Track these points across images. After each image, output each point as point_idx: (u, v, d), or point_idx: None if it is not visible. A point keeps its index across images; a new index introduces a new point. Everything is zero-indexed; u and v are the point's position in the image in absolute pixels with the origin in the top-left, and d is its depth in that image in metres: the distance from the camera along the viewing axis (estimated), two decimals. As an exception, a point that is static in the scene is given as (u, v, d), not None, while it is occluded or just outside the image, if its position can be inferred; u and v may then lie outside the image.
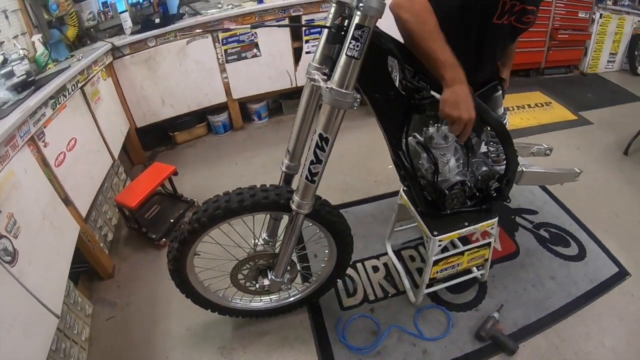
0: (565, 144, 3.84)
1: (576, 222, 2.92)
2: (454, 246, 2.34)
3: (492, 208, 2.11)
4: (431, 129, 1.83)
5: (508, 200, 2.08)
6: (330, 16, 1.51)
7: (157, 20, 3.67)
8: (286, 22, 3.89)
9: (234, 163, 3.75)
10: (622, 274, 2.51)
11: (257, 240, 1.99)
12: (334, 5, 1.50)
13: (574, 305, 2.31)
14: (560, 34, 4.88)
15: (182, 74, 3.82)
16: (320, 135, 1.47)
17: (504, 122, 2.00)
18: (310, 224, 1.83)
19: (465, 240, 2.42)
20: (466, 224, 2.03)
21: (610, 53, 5.37)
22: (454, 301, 2.34)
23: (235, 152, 3.98)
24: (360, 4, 1.28)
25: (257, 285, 1.96)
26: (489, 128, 1.93)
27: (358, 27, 1.31)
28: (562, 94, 4.80)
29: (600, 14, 5.05)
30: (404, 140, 1.73)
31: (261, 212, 1.71)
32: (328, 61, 1.52)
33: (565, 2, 4.81)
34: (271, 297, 2.25)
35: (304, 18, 3.95)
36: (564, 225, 2.88)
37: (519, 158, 2.24)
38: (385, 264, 2.63)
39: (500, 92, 1.93)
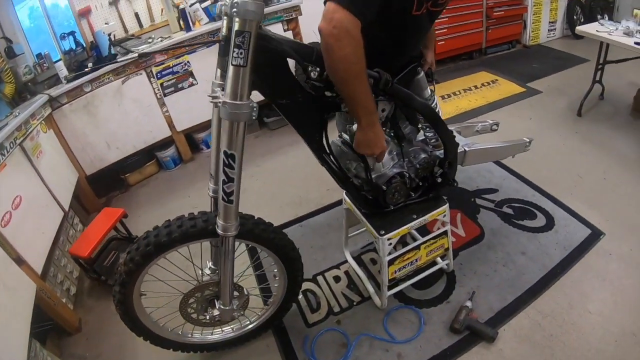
0: (517, 116, 3.76)
1: (539, 192, 2.82)
2: (414, 239, 2.20)
3: (440, 195, 1.97)
4: (354, 126, 1.69)
5: (455, 184, 1.96)
6: (223, 29, 1.42)
7: (90, 65, 3.52)
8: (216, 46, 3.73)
9: (187, 196, 3.58)
10: (595, 235, 2.41)
11: (201, 271, 1.85)
12: (224, 17, 1.40)
13: (551, 276, 2.19)
14: (495, 12, 4.84)
15: (122, 115, 3.64)
16: (225, 153, 1.37)
17: (433, 104, 1.87)
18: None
19: (426, 231, 2.27)
20: (414, 216, 1.89)
21: (550, 22, 5.35)
22: (423, 297, 2.19)
23: (187, 184, 3.79)
24: (234, 9, 1.18)
25: (208, 317, 1.83)
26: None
27: (238, 33, 1.22)
28: (508, 69, 4.75)
29: (535, -15, 5.02)
30: (325, 142, 1.59)
31: (193, 241, 1.62)
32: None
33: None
34: (231, 326, 2.07)
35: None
36: (526, 198, 2.77)
37: (461, 138, 2.13)
38: (346, 272, 2.47)
39: (422, 74, 1.80)
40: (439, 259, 2.23)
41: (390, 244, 1.87)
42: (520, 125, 3.62)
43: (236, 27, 1.22)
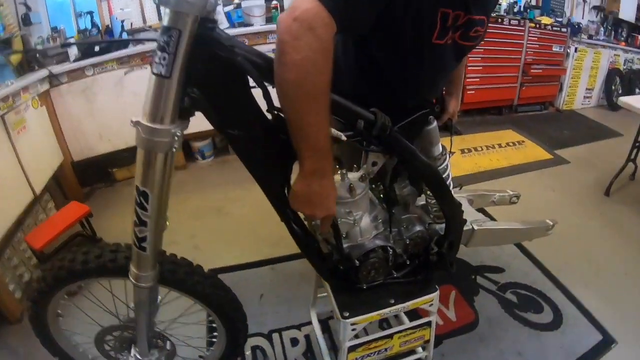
0: (539, 185, 3.24)
1: (551, 279, 2.30)
2: (388, 324, 1.69)
3: (431, 278, 1.47)
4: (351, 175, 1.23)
5: (452, 270, 1.44)
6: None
7: (97, 49, 3.19)
8: None
9: None
10: (607, 342, 1.92)
11: (127, 307, 1.44)
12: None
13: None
14: (533, 69, 4.34)
15: (120, 107, 3.27)
16: (137, 189, 1.01)
17: (441, 166, 1.38)
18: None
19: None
20: (392, 301, 1.39)
21: (587, 88, 4.83)
22: (389, 393, 1.66)
23: (171, 193, 3.35)
24: None
25: (127, 357, 1.49)
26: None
27: (165, 30, 0.83)
28: (537, 131, 4.22)
29: (576, 48, 4.52)
30: (287, 191, 1.11)
31: (111, 277, 1.31)
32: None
33: (539, 35, 4.27)
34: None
35: None
36: (535, 285, 2.25)
37: (471, 210, 1.62)
38: (307, 337, 1.98)
39: (435, 125, 1.31)
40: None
41: (354, 329, 1.37)
42: (541, 196, 3.09)
43: (165, 21, 0.83)
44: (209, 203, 3.07)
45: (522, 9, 4.48)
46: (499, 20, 4.06)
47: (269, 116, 1.03)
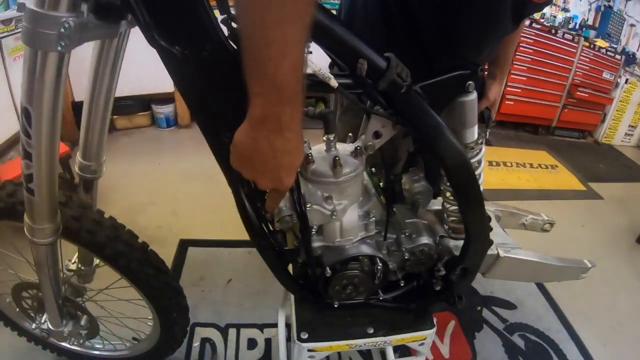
0: (568, 218, 2.75)
1: (567, 328, 1.84)
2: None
3: (428, 311, 1.03)
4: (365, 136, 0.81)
5: (459, 304, 1.01)
6: None
7: None
8: None
9: (157, 163, 2.80)
10: None
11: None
12: None
13: None
14: (579, 92, 3.79)
15: (129, 51, 2.82)
16: (21, 107, 0.67)
17: (476, 158, 0.94)
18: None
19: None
20: (370, 330, 0.97)
21: (630, 125, 4.26)
22: None
23: (167, 151, 3.03)
24: None
25: (38, 324, 1.17)
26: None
27: None
28: (572, 159, 3.70)
29: (627, 79, 3.95)
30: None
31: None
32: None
33: (591, 56, 3.73)
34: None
35: None
36: (548, 332, 1.79)
37: (499, 230, 1.18)
38: (267, 340, 1.58)
39: (474, 96, 0.86)
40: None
41: (312, 357, 0.95)
42: (569, 229, 2.61)
43: None
44: (201, 168, 2.67)
45: (577, 26, 3.94)
46: (553, 31, 3.54)
47: (225, 30, 0.64)
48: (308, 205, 0.79)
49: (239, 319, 1.64)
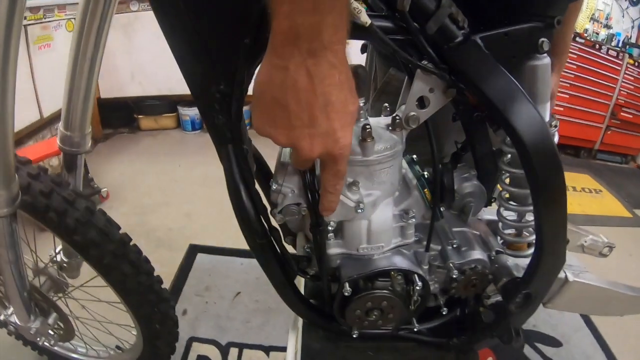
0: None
1: (617, 372, 1.50)
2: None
3: (473, 349, 0.76)
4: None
5: (516, 343, 0.73)
6: None
7: None
8: None
9: (177, 164, 2.62)
10: None
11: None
12: None
13: None
14: (623, 112, 3.43)
15: (158, 50, 2.72)
16: None
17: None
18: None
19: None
20: (398, 372, 0.70)
21: (678, 152, 3.83)
22: None
23: (189, 153, 2.84)
24: None
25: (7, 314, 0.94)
26: (508, 155, 0.63)
27: None
28: (615, 184, 3.33)
29: (677, 103, 3.56)
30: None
31: None
32: None
33: (636, 75, 3.38)
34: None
35: None
36: (597, 376, 1.46)
37: (568, 254, 0.89)
38: (272, 367, 1.30)
39: (548, 61, 0.60)
40: None
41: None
42: (615, 258, 2.22)
43: None
44: (221, 174, 2.47)
45: (620, 44, 3.61)
46: (596, 46, 3.22)
47: None
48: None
49: (243, 337, 1.40)
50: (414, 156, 0.67)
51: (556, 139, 0.68)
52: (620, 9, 3.66)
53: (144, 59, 2.85)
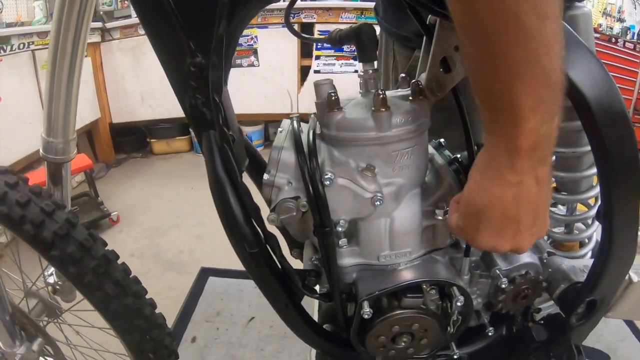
0: None
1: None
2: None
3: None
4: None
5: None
6: None
7: None
8: (295, 27, 2.69)
9: (190, 187, 2.52)
10: None
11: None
12: None
13: None
14: (648, 106, 3.22)
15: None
16: None
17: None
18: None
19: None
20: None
21: None
22: None
23: (202, 176, 2.69)
24: None
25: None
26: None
27: None
28: None
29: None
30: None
31: None
32: None
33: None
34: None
35: (318, 28, 2.72)
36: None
37: None
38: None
39: (588, 9, 0.47)
40: None
41: None
42: None
43: None
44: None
45: (635, 37, 3.43)
46: (612, 40, 3.05)
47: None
48: (327, 176, 0.41)
49: (256, 363, 1.25)
50: (442, 140, 0.53)
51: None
52: (631, 1, 3.51)
53: (153, 81, 2.78)
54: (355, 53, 0.48)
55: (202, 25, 0.42)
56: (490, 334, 0.54)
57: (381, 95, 0.40)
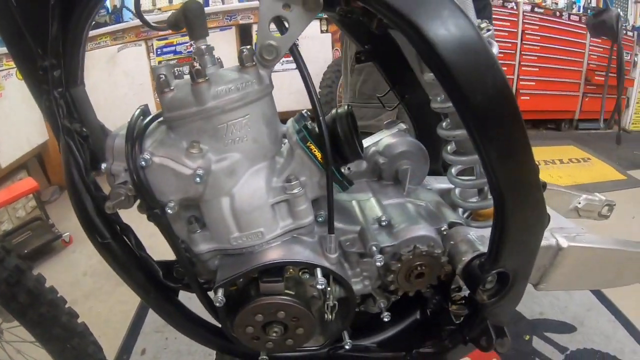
0: (615, 210, 2.18)
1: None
2: None
3: (446, 358, 0.53)
4: None
5: (499, 345, 0.50)
6: None
7: (92, 24, 2.65)
8: (232, 30, 2.65)
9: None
10: None
11: None
12: None
13: None
14: (597, 76, 3.27)
15: (110, 87, 2.70)
16: None
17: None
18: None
19: None
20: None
21: (656, 106, 3.68)
22: None
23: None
24: None
25: None
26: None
27: None
28: (603, 150, 3.17)
29: (643, 56, 3.44)
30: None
31: None
32: None
33: (602, 37, 3.26)
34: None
35: (255, 28, 2.70)
36: (622, 354, 1.24)
37: (553, 214, 0.66)
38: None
39: None
40: None
41: None
42: (618, 224, 2.04)
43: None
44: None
45: (581, 10, 3.50)
46: (557, 13, 3.09)
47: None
48: (144, 157, 0.37)
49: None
50: (305, 110, 0.46)
51: (495, 50, 0.48)
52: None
53: (97, 98, 2.68)
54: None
55: (43, 29, 0.43)
56: (385, 319, 0.47)
57: (195, 67, 0.36)
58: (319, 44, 2.65)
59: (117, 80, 2.63)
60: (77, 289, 1.69)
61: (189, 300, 0.52)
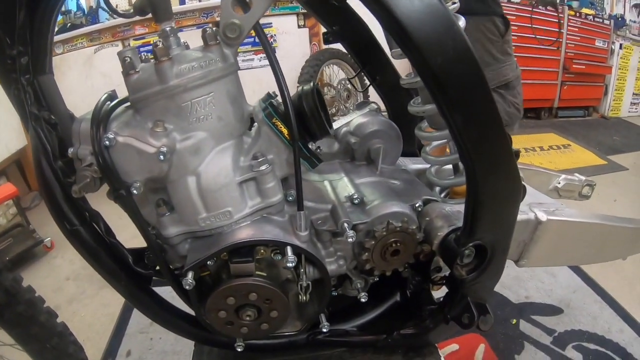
0: (596, 193, 2.18)
1: (631, 325, 1.29)
2: None
3: (428, 339, 0.53)
4: None
5: (481, 323, 0.50)
6: None
7: (68, 25, 2.67)
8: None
9: None
10: None
11: None
12: None
13: None
14: (575, 64, 3.31)
15: (87, 89, 2.63)
16: None
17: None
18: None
19: None
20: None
21: (634, 93, 3.75)
22: None
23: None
24: None
25: None
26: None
27: None
28: (582, 136, 3.21)
29: (621, 44, 3.49)
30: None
31: None
32: None
33: (580, 25, 3.29)
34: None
35: None
36: (609, 334, 1.25)
37: (530, 190, 0.66)
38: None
39: None
40: None
41: None
42: (601, 207, 2.10)
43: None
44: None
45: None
46: (533, 2, 3.12)
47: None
48: (108, 136, 0.37)
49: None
50: (272, 92, 0.45)
51: (462, 23, 0.47)
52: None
53: (74, 100, 2.62)
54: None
55: (11, 17, 0.43)
56: (362, 300, 0.47)
57: (159, 45, 0.37)
58: (296, 38, 2.63)
59: (95, 82, 2.58)
60: (60, 294, 1.66)
61: (173, 298, 0.51)
